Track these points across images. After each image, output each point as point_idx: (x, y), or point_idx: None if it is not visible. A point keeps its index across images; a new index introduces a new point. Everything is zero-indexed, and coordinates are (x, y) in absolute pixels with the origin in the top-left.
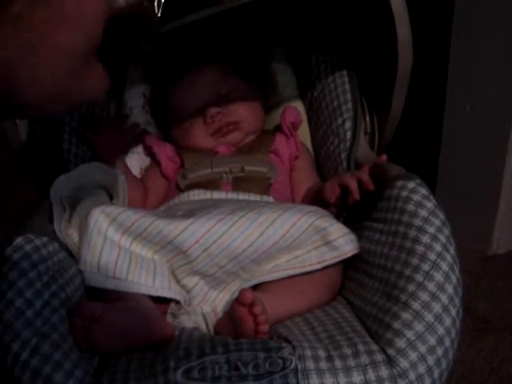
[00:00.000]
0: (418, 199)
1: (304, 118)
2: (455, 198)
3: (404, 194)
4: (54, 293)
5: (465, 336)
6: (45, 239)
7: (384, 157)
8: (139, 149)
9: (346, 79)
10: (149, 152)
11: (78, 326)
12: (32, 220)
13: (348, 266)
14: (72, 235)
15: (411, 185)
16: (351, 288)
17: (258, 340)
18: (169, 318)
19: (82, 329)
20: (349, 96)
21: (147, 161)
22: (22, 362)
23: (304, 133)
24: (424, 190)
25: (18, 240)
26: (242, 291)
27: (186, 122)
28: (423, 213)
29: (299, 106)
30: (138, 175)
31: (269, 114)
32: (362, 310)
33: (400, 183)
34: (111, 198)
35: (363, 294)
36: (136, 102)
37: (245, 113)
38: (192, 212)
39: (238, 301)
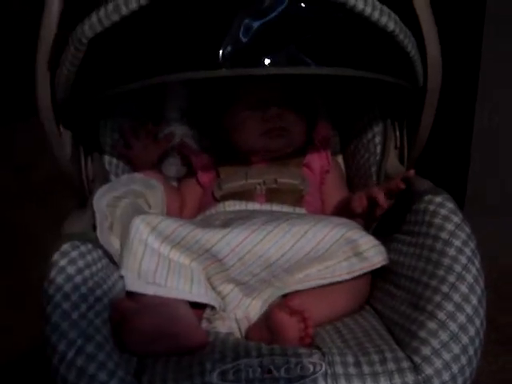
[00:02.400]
0: (444, 213)
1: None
2: (483, 212)
3: (431, 207)
4: (98, 297)
5: (490, 349)
6: (90, 246)
7: (412, 171)
8: (177, 159)
9: (376, 94)
10: (186, 162)
11: (112, 320)
12: (77, 227)
13: (377, 276)
14: (113, 242)
15: (438, 199)
16: (379, 297)
17: (289, 347)
18: (204, 323)
19: (115, 323)
20: (378, 112)
21: (184, 171)
22: (68, 361)
23: (335, 148)
24: (451, 205)
25: (65, 246)
26: (289, 298)
27: (242, 115)
28: (450, 226)
29: (329, 121)
30: (175, 185)
31: None
32: (390, 319)
33: (428, 197)
34: (150, 207)
35: (391, 303)
36: (174, 115)
37: (297, 127)
38: (228, 222)
39: (282, 308)
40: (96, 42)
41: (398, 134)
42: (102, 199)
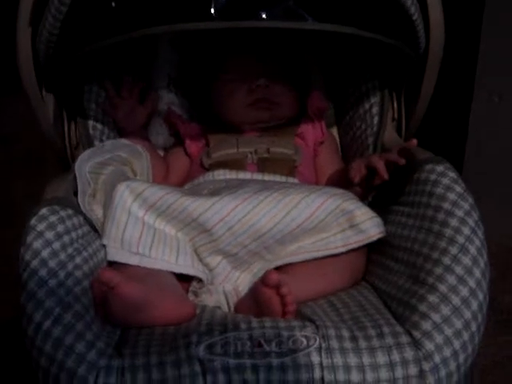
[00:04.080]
0: (446, 183)
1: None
2: (480, 190)
3: (433, 177)
4: (78, 265)
5: (488, 328)
6: (70, 211)
7: (414, 141)
8: (164, 129)
9: (374, 64)
10: (173, 131)
11: (95, 290)
12: (58, 192)
13: (373, 250)
14: (96, 210)
15: (440, 168)
16: (376, 272)
17: (282, 319)
18: (190, 296)
19: (100, 294)
20: (376, 81)
21: (172, 141)
22: (44, 331)
23: (330, 119)
24: (453, 174)
25: (44, 211)
26: (267, 273)
27: (229, 86)
28: (452, 196)
29: (324, 91)
30: (162, 154)
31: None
32: (387, 294)
33: (429, 167)
34: (135, 174)
35: (389, 277)
36: (161, 83)
37: (285, 100)
38: (217, 191)
39: (263, 282)
40: None
41: (395, 105)
42: (84, 165)
